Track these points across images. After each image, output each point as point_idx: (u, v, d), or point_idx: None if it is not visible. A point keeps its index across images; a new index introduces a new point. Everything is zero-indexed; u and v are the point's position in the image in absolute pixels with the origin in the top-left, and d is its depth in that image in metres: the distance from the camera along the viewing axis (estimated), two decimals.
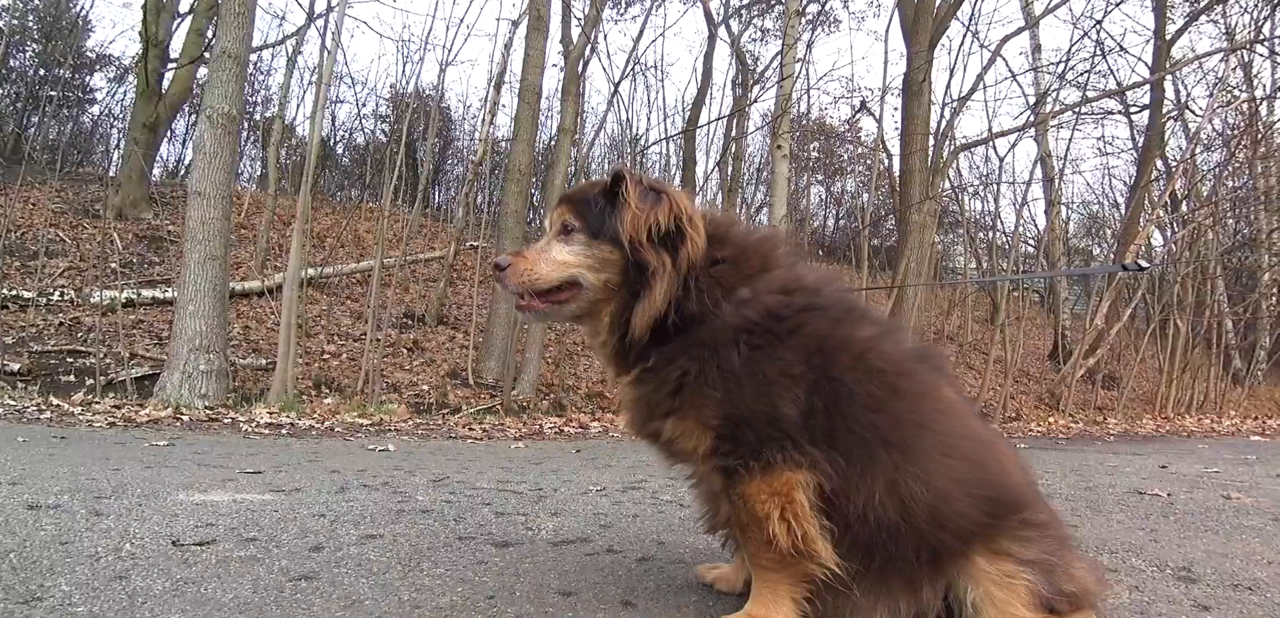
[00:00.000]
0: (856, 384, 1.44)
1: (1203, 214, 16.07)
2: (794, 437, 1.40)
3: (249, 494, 2.72)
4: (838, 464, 1.40)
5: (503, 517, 2.55)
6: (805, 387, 1.41)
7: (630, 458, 4.68)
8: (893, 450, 1.42)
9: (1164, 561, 2.39)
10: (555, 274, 1.54)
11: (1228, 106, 17.49)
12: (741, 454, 1.42)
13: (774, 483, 1.40)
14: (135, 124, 12.80)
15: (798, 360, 1.43)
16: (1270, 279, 19.29)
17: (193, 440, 4.66)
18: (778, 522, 1.39)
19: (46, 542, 1.90)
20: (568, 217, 1.57)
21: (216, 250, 7.22)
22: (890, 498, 1.41)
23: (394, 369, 9.12)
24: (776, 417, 1.40)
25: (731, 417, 1.42)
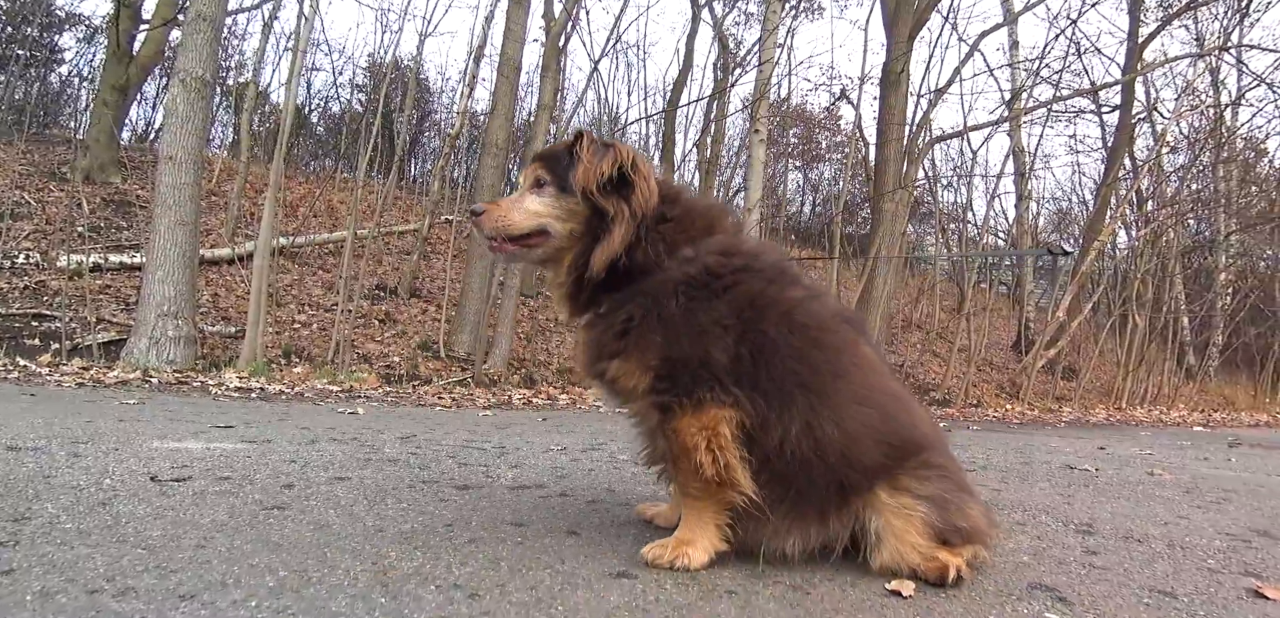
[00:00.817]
0: (780, 336, 1.63)
1: (1165, 214, 16.58)
2: (722, 379, 1.58)
3: (222, 444, 2.84)
4: (759, 404, 1.59)
5: (465, 467, 2.71)
6: (735, 336, 1.60)
7: (594, 425, 4.86)
8: (809, 395, 1.61)
9: (1070, 518, 2.60)
10: (526, 222, 1.70)
11: (1194, 111, 18.02)
12: (676, 392, 1.60)
13: (702, 418, 1.58)
14: (105, 86, 12.55)
15: (730, 313, 1.61)
16: (1226, 279, 19.98)
17: (163, 400, 4.73)
18: (704, 452, 1.58)
19: (29, 476, 2.01)
20: (540, 172, 1.73)
21: (187, 216, 7.20)
22: (805, 436, 1.59)
23: (365, 340, 9.17)
24: (708, 361, 1.58)
25: (669, 358, 1.60)
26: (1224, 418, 15.65)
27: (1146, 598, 1.70)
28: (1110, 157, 18.13)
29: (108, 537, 1.52)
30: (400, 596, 1.33)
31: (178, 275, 7.13)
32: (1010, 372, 15.62)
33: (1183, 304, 19.30)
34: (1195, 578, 1.90)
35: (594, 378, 1.75)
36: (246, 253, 10.67)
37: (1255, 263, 21.32)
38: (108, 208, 11.49)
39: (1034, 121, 17.50)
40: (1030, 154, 18.00)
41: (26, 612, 1.16)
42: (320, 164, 19.94)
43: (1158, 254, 16.61)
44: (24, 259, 9.24)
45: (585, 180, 1.65)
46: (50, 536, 1.51)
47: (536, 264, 1.83)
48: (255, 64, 15.11)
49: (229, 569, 1.39)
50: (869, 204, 18.53)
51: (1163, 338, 17.32)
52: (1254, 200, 19.63)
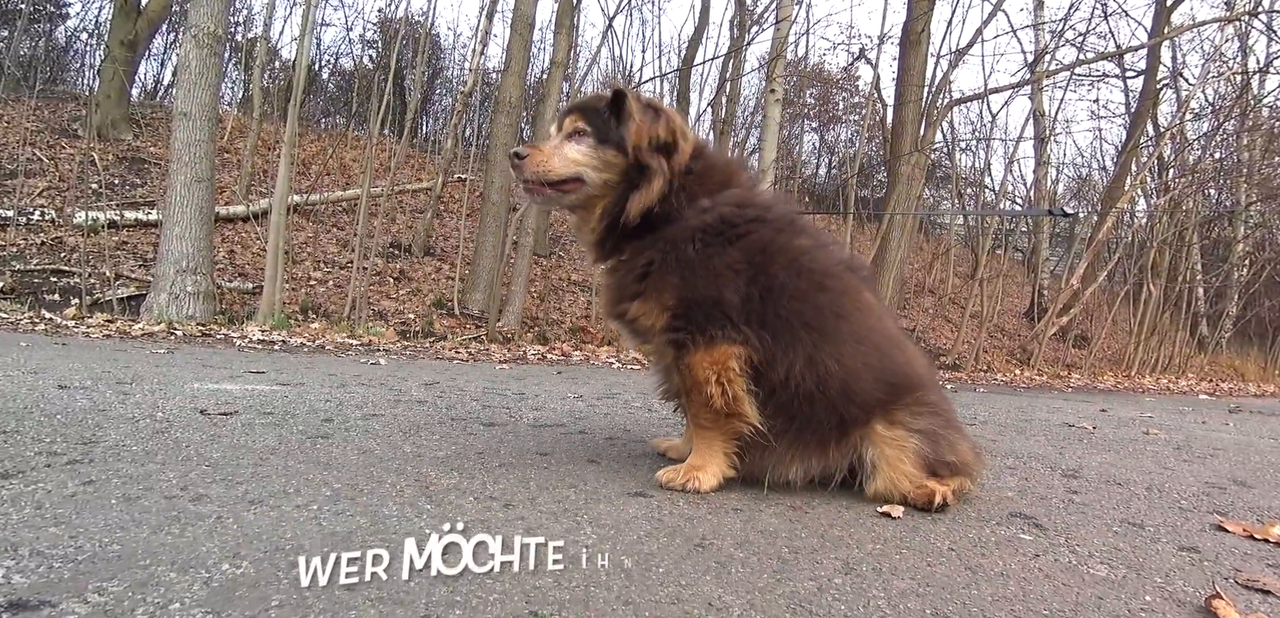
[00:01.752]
0: (787, 279, 1.76)
1: (1185, 183, 16.36)
2: (732, 318, 1.72)
3: (258, 386, 3.01)
4: (766, 340, 1.73)
5: (489, 408, 2.87)
6: (746, 279, 1.73)
7: (609, 378, 5.02)
8: (812, 332, 1.75)
9: (1058, 464, 2.73)
10: (564, 168, 1.81)
11: (1221, 77, 17.67)
12: (690, 330, 1.73)
13: (713, 354, 1.72)
14: (113, 41, 12.57)
15: (741, 258, 1.75)
16: (1243, 250, 19.78)
17: (191, 350, 4.90)
18: (714, 385, 1.72)
19: (86, 411, 2.17)
20: (579, 123, 1.83)
21: (202, 173, 7.30)
22: (808, 371, 1.73)
23: (380, 297, 9.34)
24: (720, 301, 1.72)
25: (685, 299, 1.73)
26: (1231, 388, 15.67)
27: (1116, 528, 1.82)
28: (1133, 122, 17.82)
29: (173, 457, 1.67)
30: (443, 504, 1.48)
31: (195, 232, 7.25)
32: (1022, 338, 15.66)
33: (1199, 274, 19.17)
34: (1165, 515, 2.03)
35: (615, 318, 1.88)
36: (261, 210, 10.81)
37: (1274, 235, 21.09)
38: (121, 165, 11.61)
39: (1056, 85, 17.24)
40: (1051, 118, 17.78)
41: (114, 512, 1.30)
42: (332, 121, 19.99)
43: (1176, 223, 16.44)
44: (39, 216, 9.39)
45: (639, 140, 1.76)
46: (119, 456, 1.66)
47: (567, 209, 1.93)
48: (265, 18, 15.06)
49: (288, 482, 1.54)
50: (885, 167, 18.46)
51: (1177, 308, 17.25)
52: (1277, 170, 19.33)
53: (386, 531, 1.30)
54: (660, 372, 1.99)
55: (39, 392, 2.40)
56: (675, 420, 2.86)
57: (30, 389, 2.44)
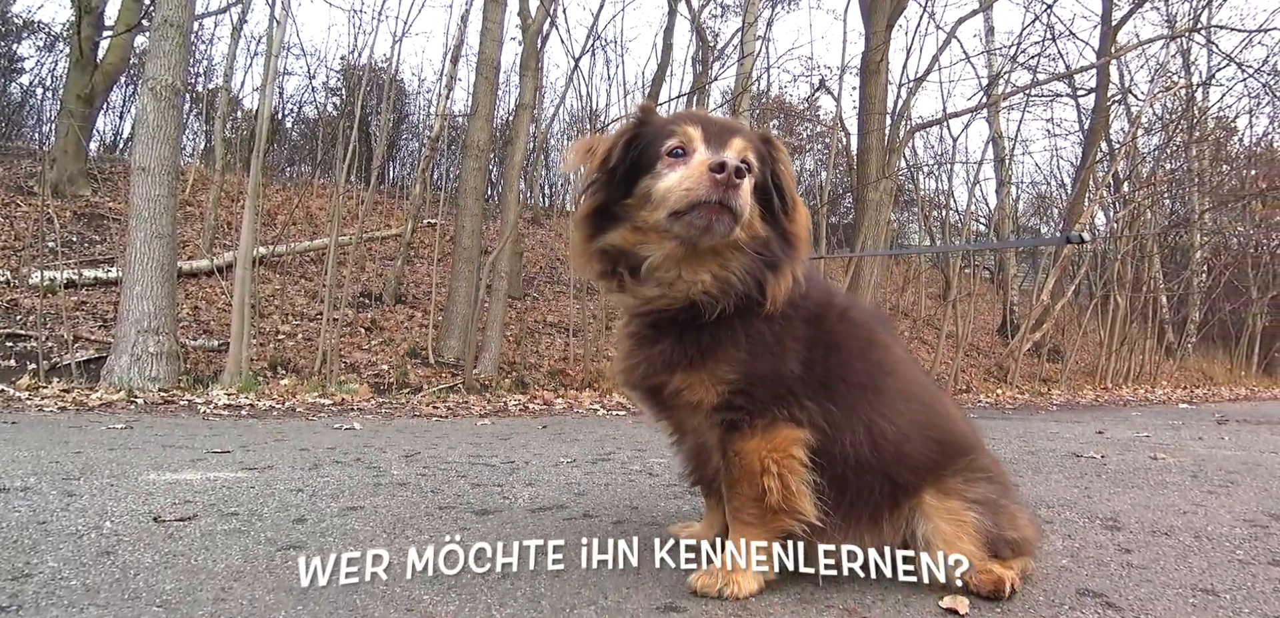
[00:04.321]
0: (843, 335, 1.60)
1: (1142, 195, 16.86)
2: (796, 393, 1.51)
3: (221, 473, 2.72)
4: (830, 412, 1.53)
5: (479, 488, 2.62)
6: (805, 343, 1.54)
7: (597, 432, 4.78)
8: (869, 393, 1.57)
9: (1094, 512, 2.60)
10: (744, 210, 1.48)
11: (1167, 92, 18.35)
12: (749, 410, 1.50)
13: (774, 439, 1.50)
14: (69, 96, 12.16)
15: (802, 326, 1.56)
16: (1201, 257, 20.40)
17: (151, 423, 4.57)
18: (773, 477, 1.49)
19: (23, 523, 1.89)
20: (749, 154, 1.53)
21: (163, 228, 7.02)
22: (866, 437, 1.54)
23: (352, 349, 9.01)
24: (783, 374, 1.51)
25: (749, 375, 1.50)
26: (1206, 393, 16.01)
27: (1192, 598, 1.68)
28: (1087, 139, 18.43)
29: (118, 593, 1.41)
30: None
31: (156, 290, 6.94)
32: (997, 356, 15.78)
33: (1161, 283, 19.66)
34: (1230, 572, 1.90)
35: (643, 390, 1.64)
36: (226, 263, 10.44)
37: (1228, 241, 21.81)
38: (79, 221, 11.18)
39: (1012, 107, 17.72)
40: (1009, 139, 18.18)
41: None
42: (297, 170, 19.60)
43: (1136, 235, 16.91)
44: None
45: (791, 187, 1.59)
46: (55, 595, 1.40)
47: (694, 241, 1.50)
48: (226, 69, 14.74)
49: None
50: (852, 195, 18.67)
51: (1143, 317, 17.63)
52: (1226, 178, 20.04)
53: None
54: (690, 453, 1.76)
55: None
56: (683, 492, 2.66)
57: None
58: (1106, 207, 17.99)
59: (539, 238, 15.87)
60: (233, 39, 14.53)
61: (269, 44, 8.86)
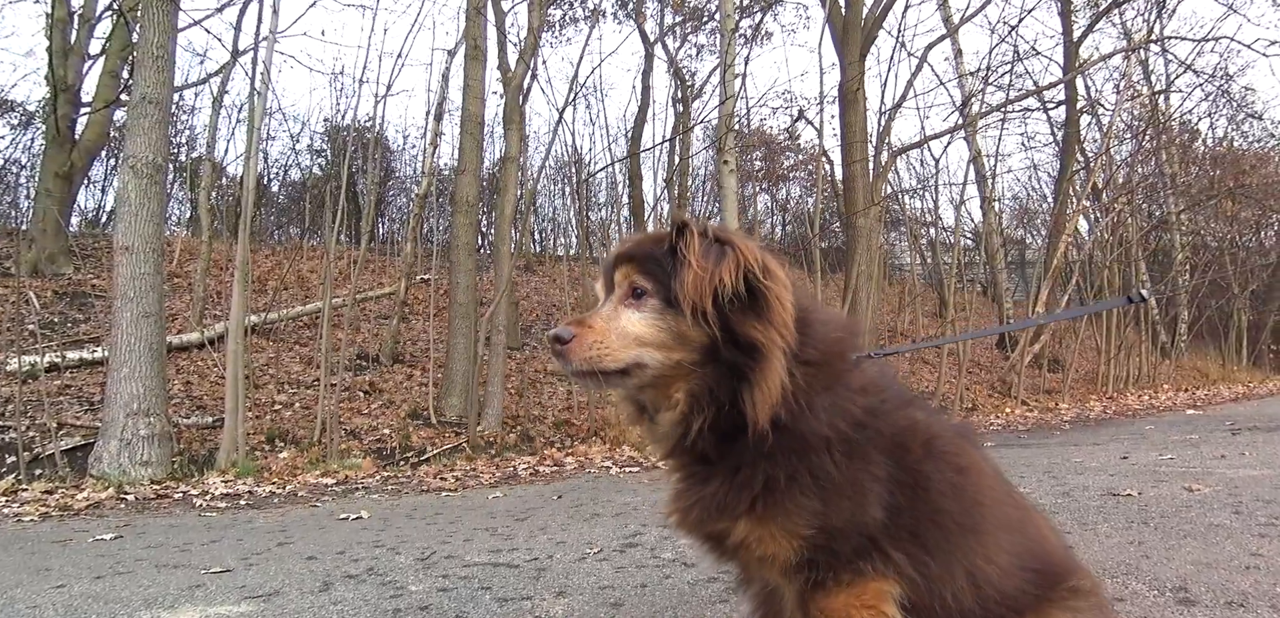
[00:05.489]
0: (932, 471, 1.39)
1: (1120, 202, 17.14)
2: (881, 543, 1.33)
3: (222, 606, 2.50)
4: (922, 562, 1.34)
5: (506, 605, 2.42)
6: (887, 485, 1.35)
7: (615, 503, 4.59)
8: (967, 534, 1.38)
9: (1160, 581, 2.49)
10: (626, 353, 1.34)
11: (1134, 100, 18.85)
12: (832, 566, 1.32)
13: (863, 596, 1.32)
14: (47, 174, 11.99)
15: (881, 460, 1.36)
16: (1183, 258, 20.75)
17: (142, 527, 4.33)
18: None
19: None
20: (635, 276, 1.38)
21: (150, 307, 6.80)
22: (968, 585, 1.36)
23: (351, 415, 8.77)
24: (864, 524, 1.32)
25: (826, 528, 1.31)
26: (1207, 395, 16.07)
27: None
28: (1063, 152, 18.89)
29: None
30: None
31: (145, 370, 6.70)
32: (999, 371, 15.74)
33: (1148, 285, 19.87)
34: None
35: (703, 539, 1.45)
36: (217, 335, 10.21)
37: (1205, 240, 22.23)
38: (61, 301, 10.93)
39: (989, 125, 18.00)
40: (991, 156, 18.44)
41: None
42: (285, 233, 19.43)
43: (1119, 241, 17.15)
44: None
45: (696, 293, 1.30)
46: None
47: (631, 394, 1.45)
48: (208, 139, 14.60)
49: None
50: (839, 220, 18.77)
51: (1136, 321, 17.76)
52: (1195, 180, 20.50)
53: None
54: (759, 598, 1.56)
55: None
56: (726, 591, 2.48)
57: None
58: (1089, 215, 18.25)
59: (533, 285, 15.74)
60: (214, 109, 14.41)
61: (251, 115, 8.73)
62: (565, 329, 1.36)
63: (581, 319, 1.39)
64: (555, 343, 1.36)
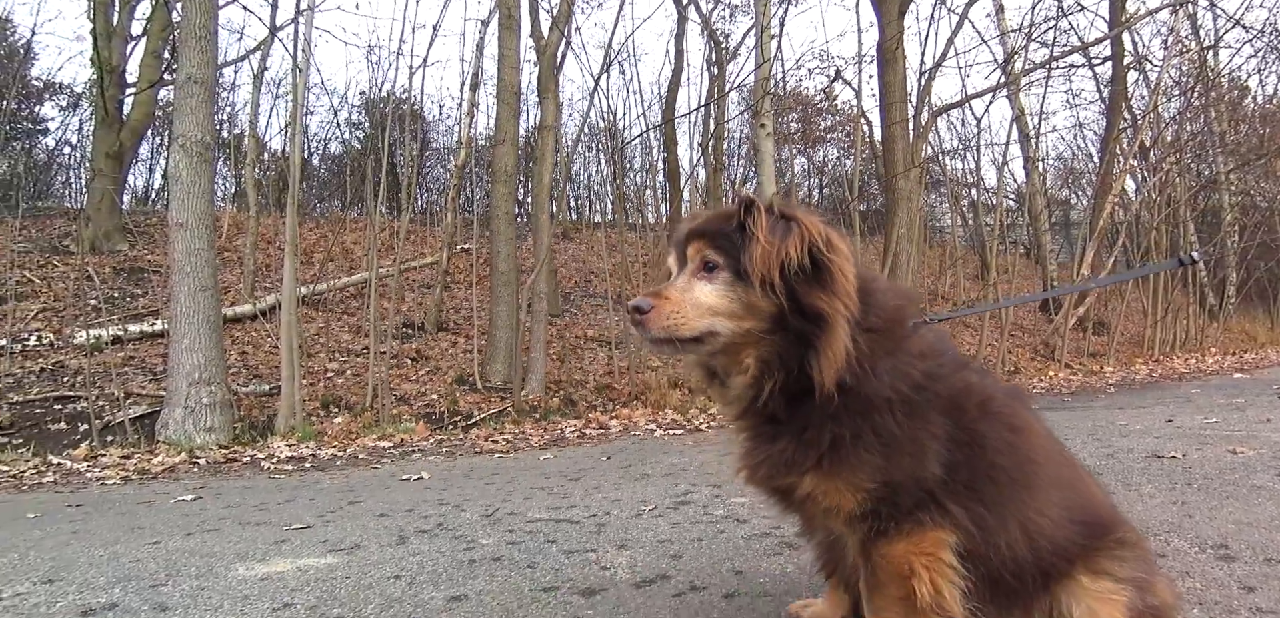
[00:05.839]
0: (987, 430, 1.49)
1: (1168, 161, 16.59)
2: (939, 497, 1.43)
3: (310, 559, 2.70)
4: (978, 514, 1.44)
5: (573, 556, 2.58)
6: (945, 443, 1.45)
7: (663, 463, 4.74)
8: (1020, 489, 1.48)
9: (1201, 538, 2.54)
10: (701, 322, 1.45)
11: (1181, 57, 18.13)
12: (893, 517, 1.44)
13: (922, 543, 1.43)
14: (98, 155, 12.40)
15: (940, 420, 1.46)
16: (1232, 218, 20.06)
17: (218, 488, 4.60)
18: (923, 582, 1.42)
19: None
20: (707, 251, 1.48)
21: (206, 281, 7.09)
22: (1022, 535, 1.47)
23: (400, 381, 9.07)
24: (924, 477, 1.43)
25: (888, 482, 1.43)
26: (1254, 358, 15.64)
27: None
28: (1109, 110, 18.28)
29: None
30: None
31: (205, 341, 7.01)
32: (1042, 333, 15.52)
33: (1196, 246, 19.31)
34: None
35: (773, 491, 1.58)
36: (268, 306, 10.58)
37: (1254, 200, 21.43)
38: (119, 277, 11.36)
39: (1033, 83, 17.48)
40: (1034, 115, 17.95)
41: None
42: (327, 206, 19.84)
43: (1167, 201, 16.63)
44: (35, 340, 9.05)
45: (765, 266, 1.40)
46: None
47: (703, 360, 1.57)
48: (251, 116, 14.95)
49: None
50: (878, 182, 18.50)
51: (1183, 283, 17.30)
52: (1245, 138, 19.69)
53: None
54: (823, 546, 1.71)
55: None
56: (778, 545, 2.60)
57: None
58: (1136, 175, 17.71)
59: (570, 253, 15.91)
60: (255, 85, 14.74)
61: (294, 91, 8.94)
62: (644, 300, 1.48)
63: (658, 291, 1.50)
64: (635, 313, 1.48)
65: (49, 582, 2.52)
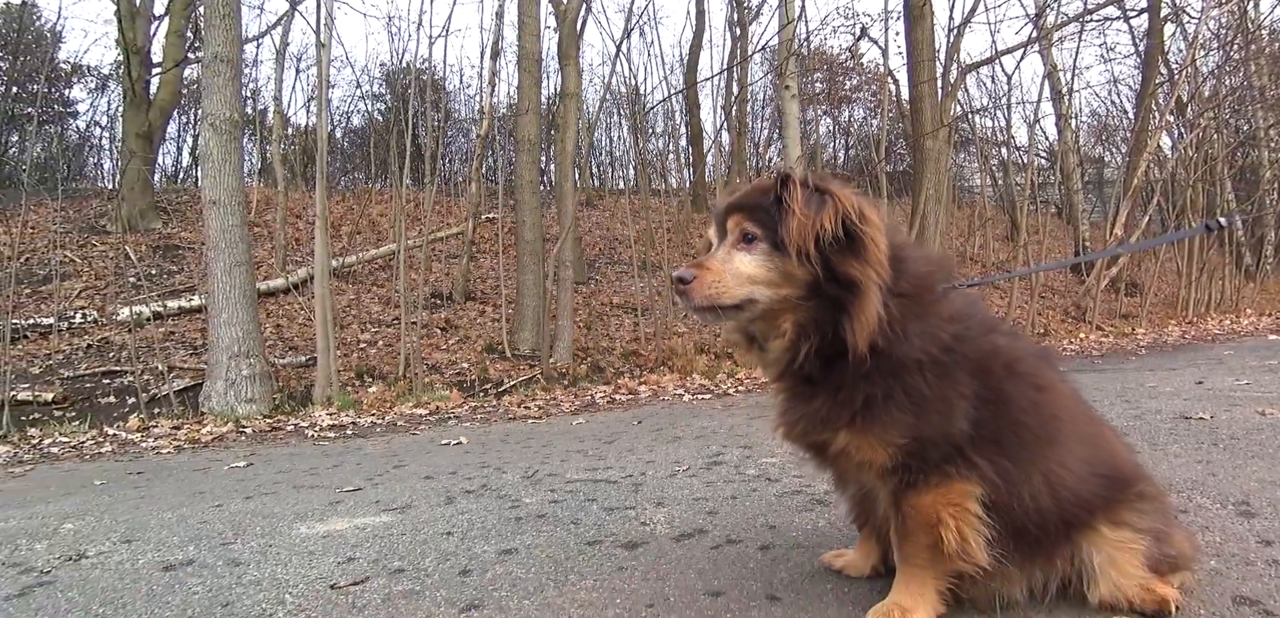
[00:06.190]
0: (1012, 390, 1.58)
1: (1206, 117, 16.08)
2: (966, 451, 1.53)
3: (366, 518, 2.86)
4: (1004, 467, 1.54)
5: (614, 514, 2.70)
6: (972, 402, 1.54)
7: (694, 427, 4.86)
8: (1043, 445, 1.58)
9: (1224, 495, 2.58)
10: (741, 290, 1.54)
11: (1220, 8, 17.45)
12: (922, 470, 1.54)
13: (950, 495, 1.53)
14: (129, 135, 12.65)
15: (967, 379, 1.55)
16: (1271, 176, 19.44)
17: (267, 455, 4.81)
18: (950, 530, 1.53)
19: (207, 606, 1.99)
20: (746, 224, 1.57)
21: (240, 256, 7.28)
22: (1045, 487, 1.56)
23: (431, 350, 9.28)
24: (952, 433, 1.52)
25: (918, 438, 1.52)
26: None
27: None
28: (1145, 64, 17.68)
29: None
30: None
31: (242, 315, 7.22)
32: (1073, 295, 15.32)
33: (1234, 205, 18.81)
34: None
35: (806, 447, 1.68)
36: (300, 280, 10.83)
37: None
38: (155, 254, 11.66)
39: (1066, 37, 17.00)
40: (1067, 71, 17.48)
41: None
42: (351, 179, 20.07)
43: (1204, 158, 16.17)
44: (81, 318, 9.36)
45: (801, 238, 1.49)
46: None
47: (742, 325, 1.66)
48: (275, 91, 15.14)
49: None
50: (906, 142, 18.22)
51: (1220, 242, 16.92)
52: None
53: None
54: (855, 499, 1.82)
55: (145, 579, 2.22)
56: (810, 502, 2.70)
57: (134, 576, 2.27)
58: (1172, 131, 17.23)
59: (594, 220, 15.98)
60: (278, 61, 14.90)
61: (319, 66, 9.03)
62: (687, 271, 1.58)
63: (700, 262, 1.60)
64: (678, 283, 1.58)
65: (127, 541, 2.71)
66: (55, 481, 4.27)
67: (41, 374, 7.97)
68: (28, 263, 10.59)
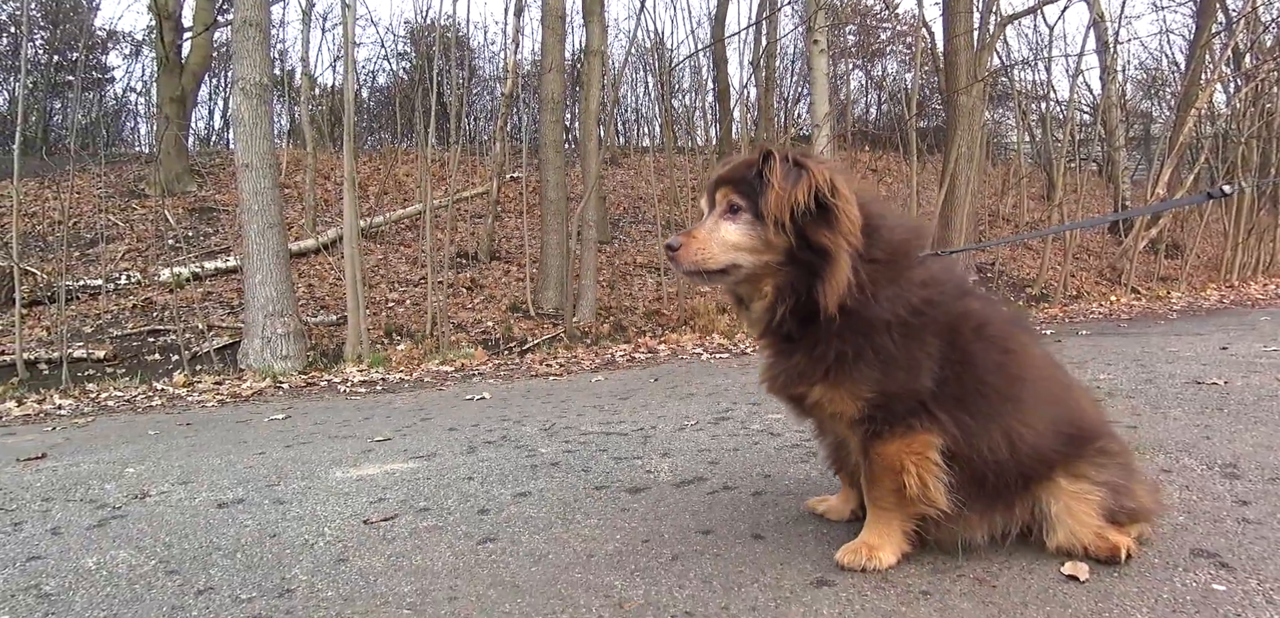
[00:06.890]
0: (978, 351, 1.71)
1: (1267, 68, 15.28)
2: (929, 406, 1.67)
3: (395, 464, 3.10)
4: (964, 421, 1.68)
5: (622, 463, 2.90)
6: (938, 361, 1.68)
7: (707, 385, 5.03)
8: (1005, 402, 1.70)
9: (1214, 457, 2.59)
10: (725, 256, 1.70)
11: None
12: (888, 421, 1.69)
13: (913, 444, 1.68)
14: (163, 99, 12.97)
15: (934, 340, 1.68)
16: None
17: (303, 409, 5.10)
18: (912, 476, 1.68)
19: (257, 537, 2.23)
20: (732, 196, 1.71)
21: (273, 218, 7.51)
22: (1004, 440, 1.69)
23: (457, 309, 9.55)
24: (917, 389, 1.67)
25: (884, 392, 1.67)
26: None
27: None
28: (1200, 12, 16.73)
29: (372, 601, 1.72)
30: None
31: (276, 275, 7.48)
32: (1109, 256, 14.97)
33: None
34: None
35: (786, 399, 1.83)
36: (330, 240, 11.13)
37: None
38: (192, 217, 12.04)
39: None
40: (1114, 20, 16.76)
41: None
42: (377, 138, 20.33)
43: (1261, 112, 15.43)
44: (126, 279, 9.77)
45: (778, 210, 1.63)
46: (320, 607, 1.72)
47: (730, 288, 1.82)
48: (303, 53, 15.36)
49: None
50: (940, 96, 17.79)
51: (1273, 203, 16.29)
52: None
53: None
54: (831, 447, 1.99)
55: (202, 517, 2.47)
56: (805, 455, 2.84)
57: (192, 512, 2.53)
58: (1227, 83, 16.47)
59: (619, 179, 16.03)
60: (305, 21, 15.08)
61: (345, 28, 9.16)
62: (675, 239, 1.76)
63: (689, 232, 1.77)
64: (668, 250, 1.76)
65: (184, 483, 2.99)
66: (114, 431, 4.61)
67: (93, 333, 8.42)
68: (76, 227, 11.06)
